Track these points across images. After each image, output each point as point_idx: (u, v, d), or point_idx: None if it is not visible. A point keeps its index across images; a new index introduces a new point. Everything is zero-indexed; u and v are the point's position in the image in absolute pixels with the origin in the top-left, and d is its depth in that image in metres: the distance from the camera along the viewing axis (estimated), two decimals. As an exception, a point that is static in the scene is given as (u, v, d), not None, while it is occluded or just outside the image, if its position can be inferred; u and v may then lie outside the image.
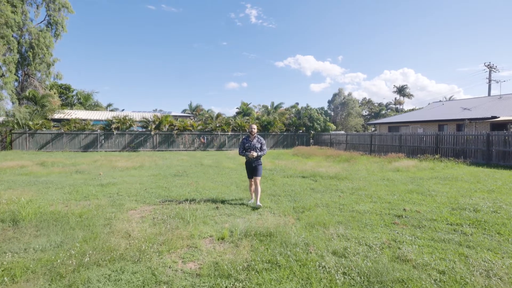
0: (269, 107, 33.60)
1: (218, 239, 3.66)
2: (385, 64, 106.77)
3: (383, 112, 46.95)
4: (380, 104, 52.59)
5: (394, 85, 54.73)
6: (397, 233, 3.93)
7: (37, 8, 24.62)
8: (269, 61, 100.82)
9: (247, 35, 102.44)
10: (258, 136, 5.62)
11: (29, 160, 13.00)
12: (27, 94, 23.66)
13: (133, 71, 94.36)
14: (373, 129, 39.31)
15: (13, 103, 22.86)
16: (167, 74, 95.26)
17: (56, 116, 24.71)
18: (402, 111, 49.98)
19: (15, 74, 23.60)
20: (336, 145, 23.03)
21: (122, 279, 2.66)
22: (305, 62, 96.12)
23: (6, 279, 2.63)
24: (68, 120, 22.72)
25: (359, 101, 48.51)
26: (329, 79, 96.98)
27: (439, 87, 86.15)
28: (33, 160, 13.32)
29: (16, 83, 25.10)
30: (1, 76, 22.19)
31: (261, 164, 5.61)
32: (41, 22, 25.22)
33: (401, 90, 53.26)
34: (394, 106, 53.78)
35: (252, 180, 5.57)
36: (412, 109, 44.77)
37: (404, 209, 5.08)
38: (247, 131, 5.62)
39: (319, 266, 2.90)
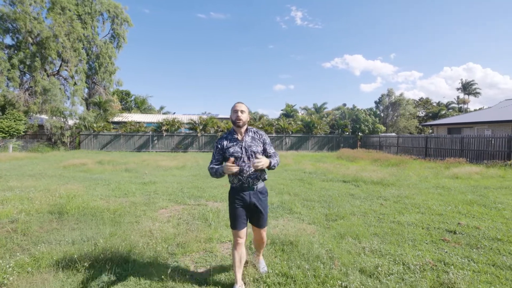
0: (311, 109, 32.36)
1: (238, 246, 3.39)
2: (445, 60, 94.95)
3: (443, 112, 41.51)
4: (439, 104, 46.59)
5: (461, 80, 47.91)
6: (446, 252, 3.26)
7: (103, 24, 27.95)
8: (315, 62, 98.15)
9: (293, 37, 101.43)
10: (255, 130, 2.57)
11: (90, 159, 14.62)
12: (94, 100, 27.02)
13: (184, 75, 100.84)
14: (430, 131, 35.13)
15: (83, 108, 26.41)
16: (216, 77, 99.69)
17: (116, 119, 27.64)
18: (467, 111, 43.54)
19: (85, 82, 27.21)
20: (385, 148, 21.25)
21: (131, 280, 2.57)
22: (353, 62, 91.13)
23: (31, 269, 2.75)
24: (125, 122, 25.19)
25: (414, 101, 43.78)
26: (380, 78, 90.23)
27: (516, 82, 73.05)
28: (94, 158, 14.94)
29: (86, 90, 28.88)
30: (74, 85, 25.77)
31: (266, 195, 2.55)
32: (105, 36, 28.54)
33: (466, 87, 46.49)
34: (456, 105, 47.21)
35: (241, 232, 2.42)
36: (479, 109, 38.63)
37: (459, 223, 4.28)
38: (233, 122, 2.47)
39: (341, 286, 2.45)
